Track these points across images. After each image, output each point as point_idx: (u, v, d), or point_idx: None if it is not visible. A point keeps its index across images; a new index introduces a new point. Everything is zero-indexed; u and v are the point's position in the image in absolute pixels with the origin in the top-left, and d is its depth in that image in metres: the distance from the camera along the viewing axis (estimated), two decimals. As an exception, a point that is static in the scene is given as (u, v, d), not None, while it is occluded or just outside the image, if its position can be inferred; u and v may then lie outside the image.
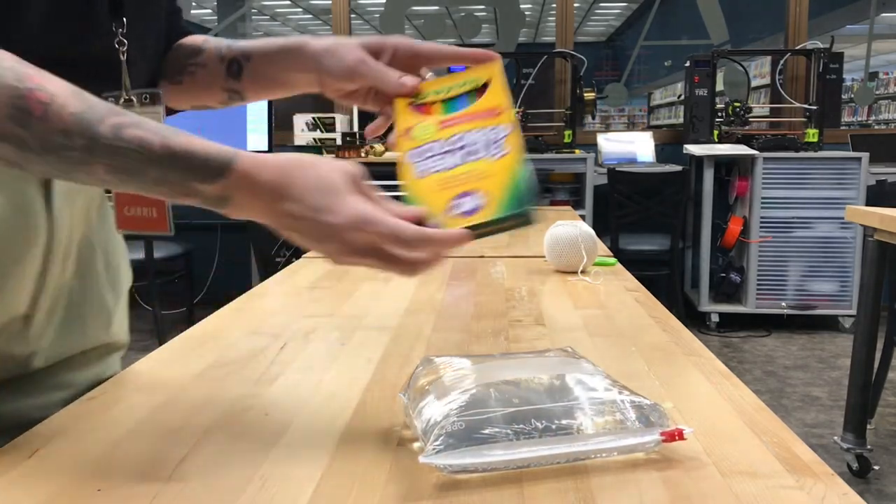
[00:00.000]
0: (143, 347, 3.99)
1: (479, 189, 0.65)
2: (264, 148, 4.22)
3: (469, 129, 0.68)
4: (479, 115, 0.68)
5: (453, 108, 0.70)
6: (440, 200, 0.65)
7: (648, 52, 8.16)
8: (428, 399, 0.63)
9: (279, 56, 0.77)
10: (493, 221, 0.64)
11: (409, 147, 0.68)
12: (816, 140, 4.10)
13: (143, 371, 0.84)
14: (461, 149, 0.67)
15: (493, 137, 0.67)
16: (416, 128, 0.69)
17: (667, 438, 0.59)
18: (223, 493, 0.55)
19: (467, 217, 0.64)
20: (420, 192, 0.66)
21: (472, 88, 0.70)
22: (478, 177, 0.65)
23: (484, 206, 0.64)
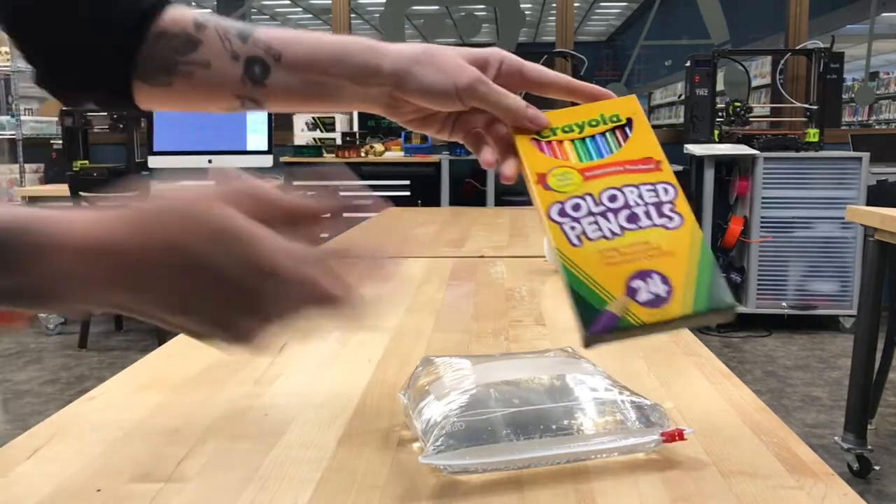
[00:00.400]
0: (143, 347, 3.99)
1: (656, 270, 0.52)
2: (264, 148, 4.22)
3: (623, 183, 0.55)
4: (632, 166, 0.56)
5: (592, 153, 0.57)
6: (613, 280, 0.52)
7: (648, 52, 8.16)
8: (428, 399, 0.63)
9: (331, 61, 0.59)
10: (689, 317, 0.51)
11: (550, 200, 0.55)
12: (817, 140, 4.10)
13: (143, 371, 0.84)
14: (620, 211, 0.54)
15: (657, 199, 0.54)
16: (553, 174, 0.56)
17: (667, 439, 0.59)
18: (223, 493, 0.55)
19: (653, 309, 0.51)
20: (583, 266, 0.53)
21: (610, 128, 0.58)
22: (652, 253, 0.53)
23: (671, 295, 0.51)
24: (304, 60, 0.60)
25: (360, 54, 0.59)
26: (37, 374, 3.48)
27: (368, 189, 0.56)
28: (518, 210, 2.69)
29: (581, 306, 0.52)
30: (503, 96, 0.58)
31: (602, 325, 0.51)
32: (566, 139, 0.57)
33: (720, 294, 0.52)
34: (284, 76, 0.60)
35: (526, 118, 0.58)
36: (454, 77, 0.57)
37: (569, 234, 0.54)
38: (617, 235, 0.53)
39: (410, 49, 0.59)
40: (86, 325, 3.84)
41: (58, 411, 0.71)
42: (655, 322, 0.51)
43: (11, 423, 2.89)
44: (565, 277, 0.53)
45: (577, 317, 0.52)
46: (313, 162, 4.19)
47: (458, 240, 1.90)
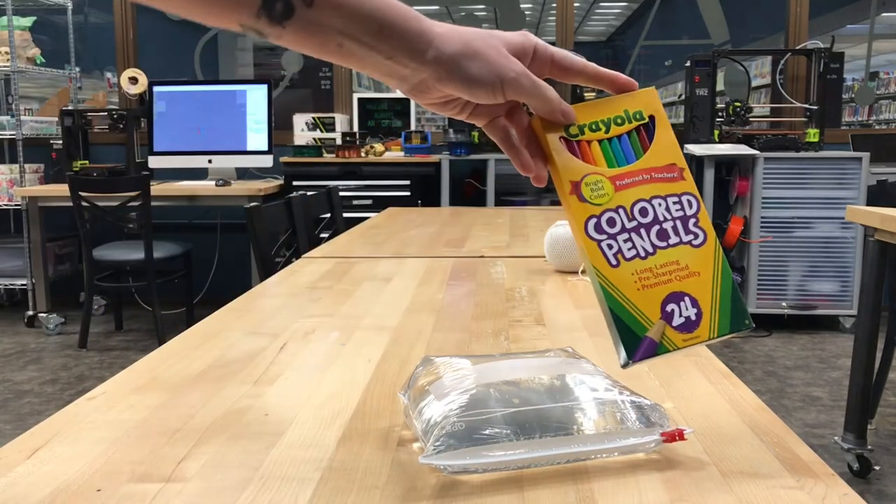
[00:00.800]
0: (143, 347, 3.99)
1: (687, 292, 0.55)
2: (264, 148, 4.22)
3: (651, 195, 0.57)
4: (658, 174, 0.57)
5: (620, 158, 0.58)
6: (649, 303, 0.55)
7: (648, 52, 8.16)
8: (428, 399, 0.63)
9: (372, 27, 0.53)
10: (715, 339, 0.56)
11: (586, 214, 0.56)
12: (817, 140, 4.10)
13: (143, 371, 0.84)
14: (651, 227, 0.56)
15: (683, 213, 0.57)
16: (587, 184, 0.57)
17: (667, 439, 0.59)
18: (223, 493, 0.55)
19: (685, 333, 0.55)
20: (620, 286, 0.55)
21: (635, 127, 0.59)
22: (682, 273, 0.56)
23: (700, 319, 0.55)
24: (339, 15, 0.52)
25: (405, 30, 0.54)
26: (37, 374, 3.48)
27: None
28: (518, 210, 2.69)
29: (624, 333, 0.54)
30: (545, 90, 0.57)
31: (643, 352, 0.54)
32: (594, 139, 0.58)
33: (741, 316, 0.56)
34: (309, 25, 0.52)
35: (559, 111, 0.58)
36: (500, 72, 0.55)
37: (607, 253, 0.55)
38: (650, 255, 0.56)
39: (454, 39, 0.56)
40: (86, 325, 3.84)
41: (58, 411, 0.71)
42: (688, 346, 0.55)
43: (11, 423, 2.89)
44: (605, 301, 0.54)
45: (620, 343, 0.54)
46: (313, 162, 4.19)
47: (458, 240, 1.90)
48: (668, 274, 0.56)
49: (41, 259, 4.17)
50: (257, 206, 1.94)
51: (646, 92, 0.59)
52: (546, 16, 10.67)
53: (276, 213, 2.12)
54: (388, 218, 2.48)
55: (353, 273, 1.43)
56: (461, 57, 0.55)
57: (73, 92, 4.71)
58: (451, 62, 0.55)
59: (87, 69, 5.02)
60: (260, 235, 1.90)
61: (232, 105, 4.24)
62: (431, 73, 0.55)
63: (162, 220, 4.39)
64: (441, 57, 0.55)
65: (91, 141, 4.57)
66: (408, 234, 2.03)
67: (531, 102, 0.57)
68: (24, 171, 4.35)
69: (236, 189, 3.95)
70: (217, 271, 4.66)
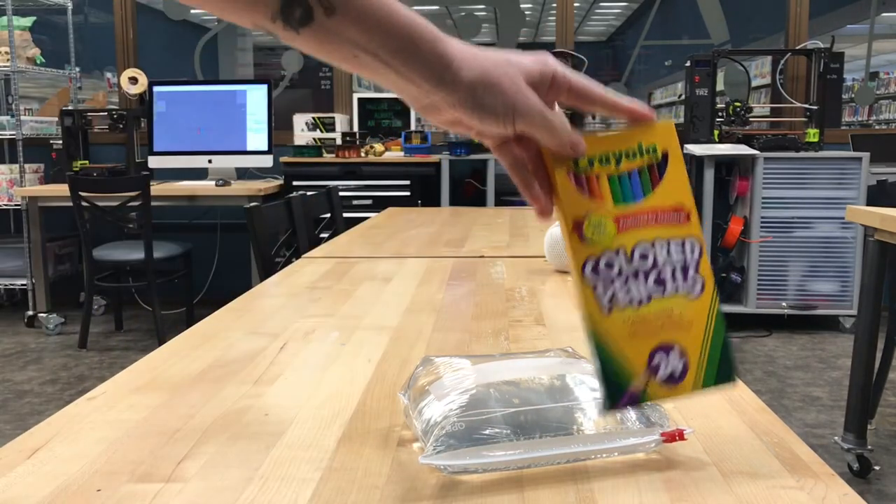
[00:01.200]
0: (143, 347, 3.98)
1: (676, 343, 0.54)
2: (264, 148, 4.22)
3: (654, 237, 0.55)
4: (663, 215, 0.55)
5: (627, 194, 0.56)
6: (636, 354, 0.54)
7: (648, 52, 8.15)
8: (428, 399, 0.63)
9: (392, 45, 0.52)
10: (696, 392, 0.56)
11: (584, 255, 0.54)
12: (817, 140, 4.10)
13: (143, 371, 0.84)
14: (650, 272, 0.55)
15: (685, 260, 0.55)
16: (589, 222, 0.55)
17: (667, 439, 0.59)
18: (223, 493, 0.55)
19: (669, 386, 0.54)
20: (610, 336, 0.54)
21: (646, 163, 0.56)
22: (674, 323, 0.54)
23: (686, 372, 0.54)
24: (359, 29, 0.50)
25: (425, 52, 0.52)
26: (37, 374, 3.48)
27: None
28: (518, 210, 2.69)
29: (608, 384, 0.54)
30: (555, 125, 0.55)
31: (625, 402, 0.54)
32: (603, 173, 0.56)
33: (726, 372, 0.55)
34: (326, 34, 0.51)
35: (569, 146, 0.56)
36: (514, 106, 0.54)
37: (601, 298, 0.54)
38: (644, 303, 0.54)
39: (473, 66, 0.53)
40: (86, 325, 3.84)
41: (58, 411, 0.71)
42: (669, 398, 0.55)
43: (11, 423, 2.89)
44: (593, 348, 0.54)
45: (604, 391, 0.54)
46: (313, 162, 4.19)
47: (458, 240, 1.90)
48: (660, 324, 0.55)
49: (41, 259, 4.17)
50: (257, 206, 1.94)
51: (663, 125, 0.57)
52: (546, 16, 10.67)
53: (276, 213, 2.12)
54: (388, 218, 2.48)
55: (353, 273, 1.43)
56: (477, 86, 0.53)
57: (73, 92, 4.71)
58: (465, 90, 0.53)
59: (87, 69, 5.02)
60: (260, 235, 1.90)
61: (232, 105, 4.24)
62: (444, 97, 0.54)
63: (162, 220, 4.39)
64: (457, 83, 0.53)
65: (91, 141, 4.57)
66: (408, 234, 2.03)
67: (541, 136, 0.55)
68: (24, 171, 4.35)
69: (236, 189, 3.95)
70: (217, 271, 4.66)
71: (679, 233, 0.55)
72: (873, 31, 5.19)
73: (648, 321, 0.54)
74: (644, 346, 0.54)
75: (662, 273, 0.55)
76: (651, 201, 0.55)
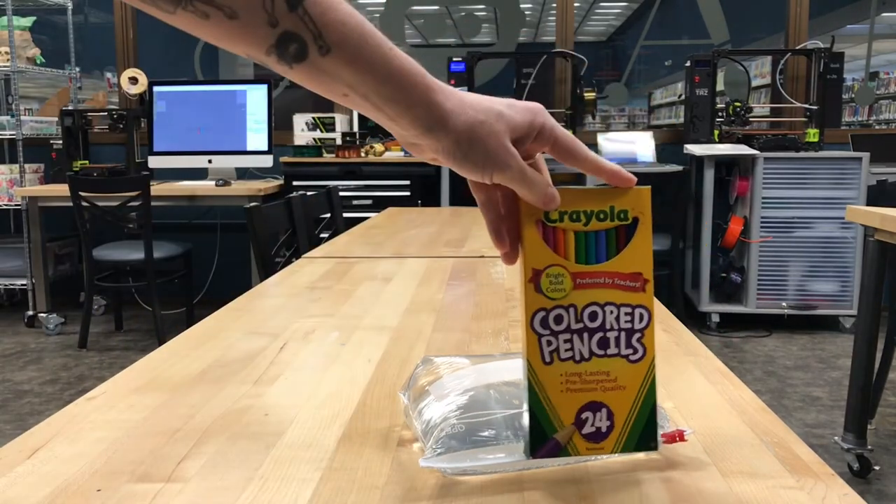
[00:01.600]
0: (143, 347, 3.98)
1: (606, 404, 0.56)
2: (264, 148, 4.22)
3: (606, 300, 0.56)
4: (621, 280, 0.56)
5: (590, 255, 0.56)
6: (568, 408, 0.55)
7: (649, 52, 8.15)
8: (428, 400, 0.63)
9: (383, 92, 0.53)
10: (617, 453, 0.57)
11: (536, 306, 0.55)
12: (817, 140, 4.10)
13: (143, 371, 0.84)
14: (595, 332, 0.56)
15: (631, 326, 0.56)
16: (547, 275, 0.56)
17: (667, 439, 0.59)
18: (223, 493, 0.55)
19: (591, 443, 0.56)
20: (546, 387, 0.55)
21: (615, 226, 0.57)
22: (608, 384, 0.56)
23: (610, 433, 0.56)
24: (353, 72, 0.51)
25: (416, 102, 0.53)
26: (37, 374, 3.48)
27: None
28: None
29: (533, 430, 0.55)
30: (532, 181, 0.55)
31: (545, 452, 0.55)
32: (571, 229, 0.56)
33: (647, 439, 0.57)
34: (318, 72, 0.51)
35: (543, 201, 0.56)
36: (495, 162, 0.55)
37: (544, 349, 0.55)
38: (585, 360, 0.56)
39: (460, 121, 0.54)
40: (86, 325, 3.84)
41: (58, 411, 0.71)
42: (589, 455, 0.56)
43: (11, 423, 2.89)
44: (527, 395, 0.55)
45: (528, 437, 0.55)
46: (313, 162, 4.19)
47: (458, 240, 1.90)
48: (595, 382, 0.56)
49: (41, 259, 4.17)
50: (257, 206, 1.94)
51: (639, 191, 0.57)
52: (546, 16, 10.65)
53: (276, 213, 2.12)
54: (387, 218, 2.48)
55: (353, 273, 1.43)
56: (462, 140, 0.54)
57: (73, 92, 4.71)
58: (452, 142, 0.54)
59: (87, 69, 5.02)
60: (260, 235, 1.90)
61: (232, 105, 4.24)
62: (429, 144, 0.55)
63: (162, 220, 4.39)
64: (444, 134, 0.54)
65: (91, 141, 4.57)
66: (408, 234, 2.03)
67: (517, 190, 0.56)
68: (24, 171, 4.35)
69: (236, 189, 3.95)
70: (217, 271, 4.66)
71: (632, 300, 0.56)
72: (873, 31, 5.19)
73: (585, 377, 0.56)
74: (576, 400, 0.56)
75: (607, 335, 0.56)
76: (611, 265, 0.56)
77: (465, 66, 4.31)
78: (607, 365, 0.56)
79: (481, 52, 4.45)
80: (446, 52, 4.50)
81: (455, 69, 4.32)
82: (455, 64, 4.31)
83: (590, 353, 0.56)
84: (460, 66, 4.31)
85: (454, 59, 4.32)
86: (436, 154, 0.56)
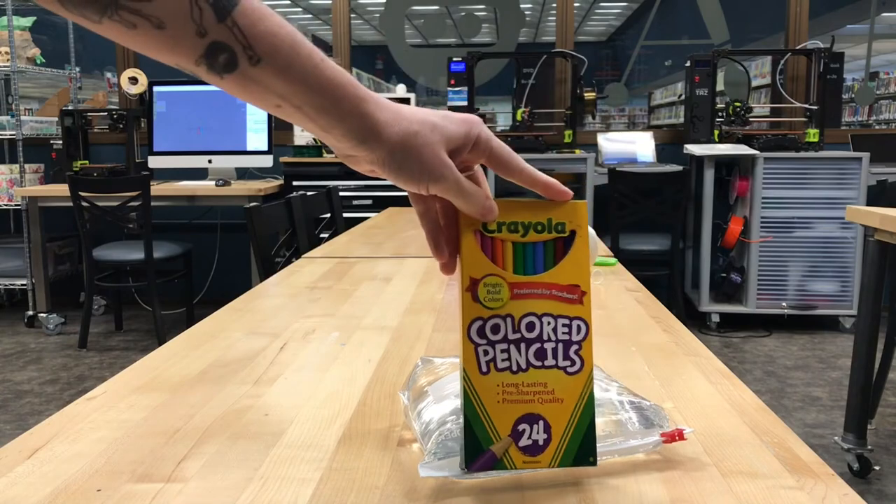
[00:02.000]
0: (143, 347, 3.97)
1: (543, 416, 0.55)
2: (264, 148, 4.22)
3: (544, 311, 0.56)
4: (558, 291, 0.56)
5: (528, 265, 0.57)
6: (504, 419, 0.55)
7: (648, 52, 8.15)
8: (427, 401, 0.63)
9: (313, 103, 0.52)
10: (554, 467, 0.56)
11: (473, 315, 0.55)
12: (817, 140, 4.10)
13: (143, 371, 0.84)
14: (532, 343, 0.56)
15: (568, 338, 0.56)
16: (484, 284, 0.56)
17: (667, 439, 0.59)
18: (223, 493, 0.55)
19: (528, 456, 0.55)
20: (483, 398, 0.55)
21: (553, 238, 0.57)
22: (546, 396, 0.56)
23: (547, 446, 0.55)
24: (283, 82, 0.51)
25: (348, 113, 0.53)
26: (37, 374, 3.48)
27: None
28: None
29: (469, 441, 0.55)
30: (468, 193, 0.56)
31: (480, 465, 0.55)
32: (508, 239, 0.57)
33: (586, 453, 0.56)
34: (249, 82, 0.51)
35: (480, 213, 0.56)
36: (430, 173, 0.55)
37: (480, 359, 0.55)
38: (521, 371, 0.55)
39: (394, 131, 0.54)
40: (86, 325, 3.84)
41: (58, 411, 0.71)
42: (526, 468, 0.55)
43: (11, 423, 2.89)
44: (463, 404, 0.55)
45: (463, 449, 0.55)
46: (313, 162, 4.19)
47: (458, 240, 1.90)
48: (532, 394, 0.55)
49: (41, 259, 4.17)
50: (257, 206, 1.95)
51: (575, 204, 0.58)
52: (546, 16, 10.66)
53: (276, 213, 2.12)
54: (387, 218, 2.48)
55: (353, 273, 1.43)
56: (396, 151, 0.54)
57: (73, 92, 4.71)
58: (386, 152, 0.54)
59: (87, 69, 5.02)
60: (260, 235, 1.90)
61: (232, 105, 4.24)
62: (364, 155, 0.55)
63: (162, 220, 4.39)
64: (377, 145, 0.54)
65: (91, 141, 4.57)
66: (408, 234, 2.03)
67: (454, 201, 0.56)
68: (24, 171, 4.35)
69: (236, 189, 3.95)
70: (217, 271, 4.66)
71: (569, 312, 0.56)
72: (873, 31, 5.19)
73: (521, 388, 0.55)
74: (512, 412, 0.55)
75: (545, 346, 0.56)
76: (548, 277, 0.56)
77: (465, 66, 4.31)
78: (544, 376, 0.56)
79: (481, 52, 4.46)
80: (446, 52, 4.50)
81: (455, 69, 4.32)
82: (455, 64, 4.31)
83: (527, 364, 0.55)
84: (460, 66, 4.31)
85: (454, 59, 4.32)
86: (372, 165, 0.56)
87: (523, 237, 0.57)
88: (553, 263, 0.57)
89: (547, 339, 0.56)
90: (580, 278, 0.57)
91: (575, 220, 0.58)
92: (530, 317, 0.56)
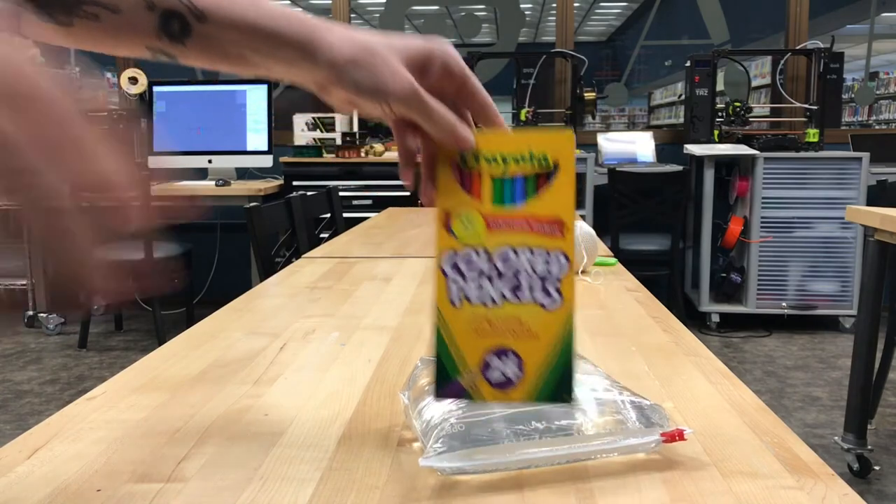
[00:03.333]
0: (143, 347, 3.97)
1: (517, 350, 0.54)
2: (264, 148, 4.22)
3: (523, 244, 0.54)
4: (538, 224, 0.54)
5: (507, 197, 0.54)
6: (472, 351, 0.54)
7: (648, 52, 8.16)
8: (428, 400, 0.63)
9: (261, 37, 0.54)
10: (529, 402, 0.55)
11: (446, 247, 0.54)
12: (817, 140, 4.10)
13: (143, 371, 0.84)
14: (507, 276, 0.54)
15: (549, 272, 0.53)
16: (459, 217, 0.54)
17: (667, 439, 0.59)
18: (223, 493, 0.55)
19: (498, 391, 0.54)
20: (452, 328, 0.54)
21: (535, 172, 0.54)
22: (521, 331, 0.54)
23: (519, 381, 0.54)
24: (231, 28, 0.53)
25: (294, 40, 0.54)
26: (37, 374, 3.48)
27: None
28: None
29: (438, 371, 0.54)
30: (435, 112, 0.54)
31: (450, 392, 0.54)
32: (487, 172, 0.55)
33: (563, 389, 0.54)
34: (207, 40, 0.54)
35: (452, 138, 0.54)
36: (384, 84, 0.54)
37: (452, 292, 0.54)
38: (495, 305, 0.54)
39: (346, 45, 0.54)
40: (86, 325, 3.84)
41: (58, 411, 0.71)
42: (497, 401, 0.54)
43: (11, 423, 2.89)
44: (434, 337, 0.54)
45: (433, 376, 0.55)
46: (313, 162, 4.19)
47: (458, 240, 1.90)
48: (505, 328, 0.54)
49: (41, 259, 4.17)
50: (257, 206, 1.95)
51: (560, 136, 0.55)
52: (546, 16, 10.66)
53: (276, 213, 2.12)
54: (387, 218, 2.48)
55: (353, 273, 1.43)
56: (350, 63, 0.54)
57: (73, 92, 4.70)
58: (340, 67, 0.54)
59: (87, 69, 5.02)
60: (260, 235, 1.90)
61: (232, 105, 4.24)
62: (326, 76, 0.55)
63: (162, 220, 4.38)
64: (333, 62, 0.54)
65: (91, 141, 4.56)
66: (408, 234, 2.03)
67: (420, 123, 0.54)
68: (24, 171, 4.35)
69: (236, 189, 3.95)
70: (217, 271, 4.66)
71: (548, 244, 0.54)
72: (873, 31, 5.19)
73: (495, 323, 0.54)
74: (482, 345, 0.54)
75: (520, 279, 0.54)
76: (529, 208, 0.54)
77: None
78: (519, 311, 0.54)
79: (481, 52, 4.45)
80: (446, 52, 4.50)
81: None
82: (455, 64, 4.31)
83: (501, 298, 0.54)
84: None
85: (454, 59, 4.32)
86: (335, 86, 0.55)
87: (503, 170, 0.55)
88: (534, 195, 0.54)
89: (523, 272, 0.54)
90: (563, 211, 0.54)
91: (560, 151, 0.55)
92: (505, 249, 0.54)
